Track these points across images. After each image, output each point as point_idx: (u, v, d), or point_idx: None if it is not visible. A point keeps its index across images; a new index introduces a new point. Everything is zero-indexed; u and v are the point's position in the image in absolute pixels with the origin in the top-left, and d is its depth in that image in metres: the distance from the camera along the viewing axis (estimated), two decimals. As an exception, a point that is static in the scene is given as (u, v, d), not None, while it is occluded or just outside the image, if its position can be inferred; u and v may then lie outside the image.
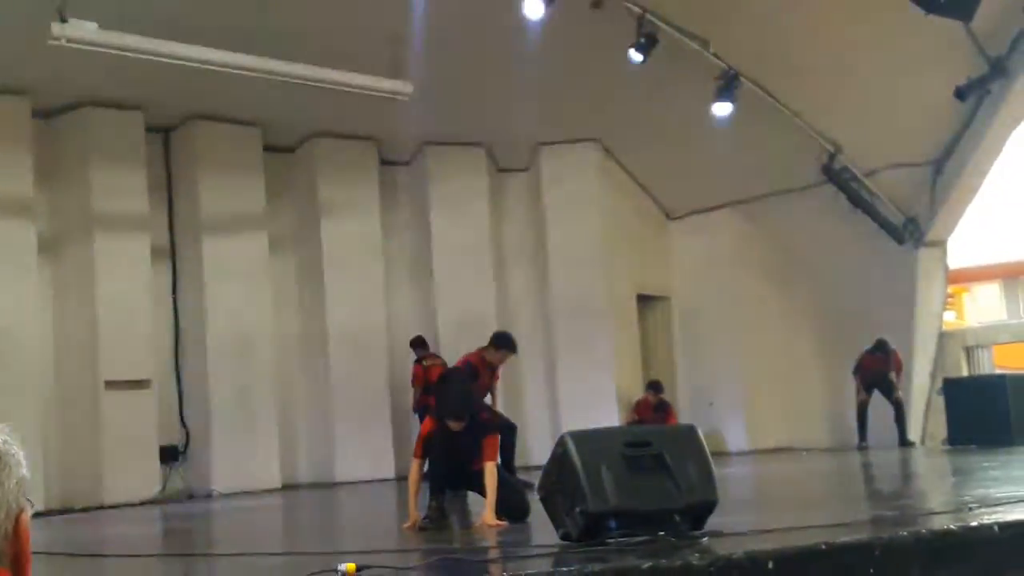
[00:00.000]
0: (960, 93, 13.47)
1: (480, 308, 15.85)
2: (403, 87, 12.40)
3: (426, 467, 7.52)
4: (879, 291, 15.38)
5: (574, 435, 5.37)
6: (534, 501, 6.36)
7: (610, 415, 15.49)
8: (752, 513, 7.79)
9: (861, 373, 15.05)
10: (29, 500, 1.53)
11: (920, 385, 15.23)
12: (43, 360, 12.71)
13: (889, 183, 15.10)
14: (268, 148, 14.99)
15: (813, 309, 16.52)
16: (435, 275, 15.90)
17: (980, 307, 21.25)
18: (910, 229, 15.07)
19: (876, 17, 12.81)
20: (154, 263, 13.70)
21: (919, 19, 11.68)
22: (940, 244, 15.37)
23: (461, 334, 15.31)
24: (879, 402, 14.90)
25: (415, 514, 7.32)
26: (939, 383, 14.76)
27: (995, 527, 5.07)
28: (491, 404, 10.08)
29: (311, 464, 15.01)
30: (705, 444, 5.52)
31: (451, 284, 15.84)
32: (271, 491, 13.77)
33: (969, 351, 16.38)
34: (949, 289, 16.62)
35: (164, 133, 14.43)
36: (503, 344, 9.86)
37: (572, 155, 16.47)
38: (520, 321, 16.50)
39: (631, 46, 12.94)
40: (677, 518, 5.15)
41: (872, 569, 4.66)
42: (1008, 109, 13.84)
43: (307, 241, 15.35)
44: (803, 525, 5.37)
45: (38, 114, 12.99)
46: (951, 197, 14.76)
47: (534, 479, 6.87)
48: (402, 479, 11.84)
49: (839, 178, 15.08)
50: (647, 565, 4.36)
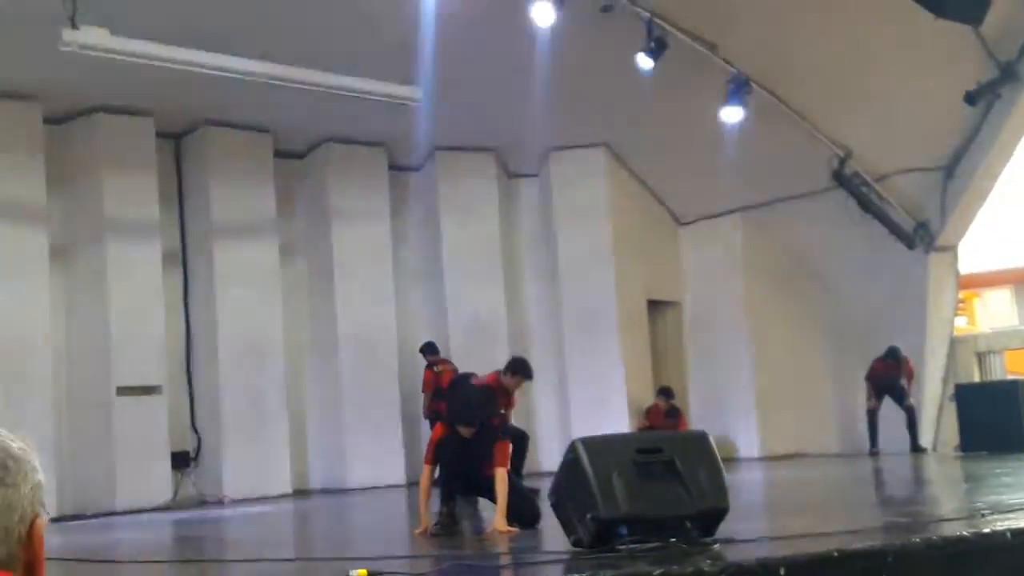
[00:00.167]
0: (970, 98, 13.44)
1: (490, 313, 15.87)
2: (413, 93, 12.42)
3: (437, 473, 7.53)
4: (890, 296, 15.34)
5: (585, 441, 5.37)
6: (545, 507, 6.36)
7: (621, 421, 15.47)
8: (764, 520, 7.79)
9: (872, 380, 15.00)
10: (44, 506, 1.54)
11: (932, 391, 15.18)
12: (55, 366, 12.74)
13: (900, 188, 15.06)
14: (279, 154, 15.04)
15: (824, 314, 16.48)
16: (445, 280, 15.91)
17: (992, 312, 21.16)
18: (921, 234, 15.03)
19: (886, 22, 12.79)
20: (165, 269, 13.74)
21: (928, 24, 11.66)
22: (951, 249, 15.32)
23: (471, 339, 15.35)
24: (891, 408, 14.85)
25: (426, 520, 7.33)
26: (951, 389, 14.73)
27: (1008, 534, 5.06)
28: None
29: (322, 470, 15.02)
30: (716, 450, 5.52)
31: (461, 289, 15.84)
32: (282, 497, 13.78)
33: (981, 357, 16.35)
34: (960, 294, 16.55)
35: (175, 139, 14.48)
36: (519, 370, 9.79)
37: (582, 160, 16.46)
38: (530, 326, 16.53)
39: (641, 51, 12.94)
40: (688, 524, 5.14)
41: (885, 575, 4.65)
42: (1019, 113, 13.79)
43: (318, 247, 15.37)
44: (815, 532, 5.37)
45: (50, 120, 13.04)
46: (962, 202, 14.72)
47: (544, 486, 6.87)
48: (413, 485, 11.85)
49: (849, 183, 15.04)
50: (658, 572, 4.35)
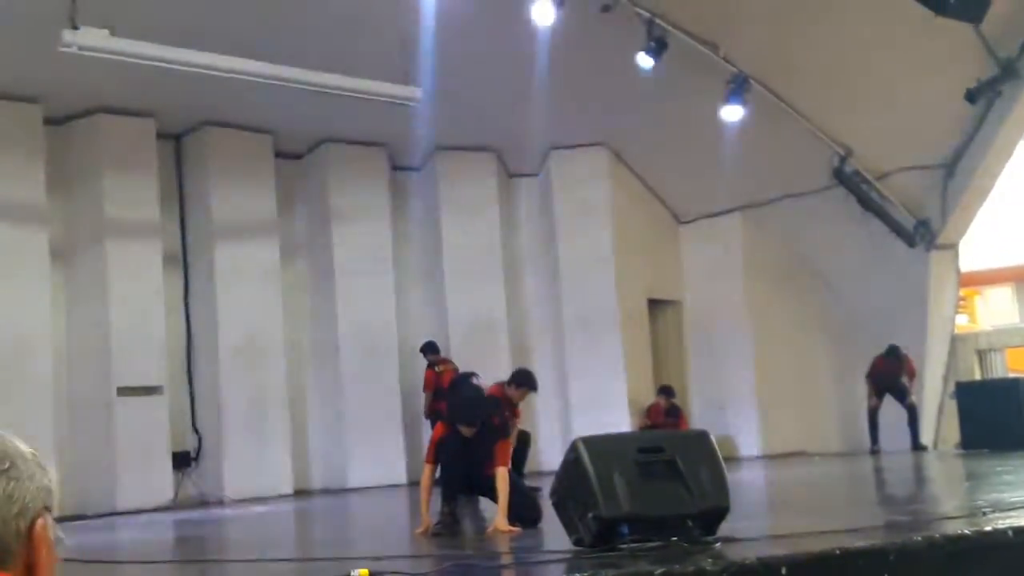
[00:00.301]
0: (971, 96, 13.43)
1: (491, 313, 15.87)
2: (413, 93, 12.42)
3: (438, 472, 7.53)
4: (890, 294, 15.33)
5: (586, 441, 5.36)
6: (546, 507, 6.36)
7: (621, 420, 15.47)
8: (765, 518, 7.79)
9: (873, 378, 15.00)
10: (50, 512, 1.54)
11: (932, 389, 15.18)
12: (56, 366, 12.74)
13: (900, 186, 15.06)
14: (279, 154, 15.03)
15: (824, 312, 16.48)
16: (446, 280, 15.91)
17: (992, 310, 21.16)
18: (921, 232, 15.03)
19: (886, 20, 12.79)
20: (166, 270, 13.74)
21: (929, 22, 11.66)
22: (952, 247, 15.31)
23: (472, 339, 15.35)
24: (892, 406, 14.85)
25: (427, 520, 7.32)
26: (952, 387, 14.72)
27: (1009, 532, 5.06)
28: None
29: (323, 470, 15.02)
30: (717, 449, 5.52)
31: (462, 289, 15.84)
32: (283, 497, 13.78)
33: (982, 354, 16.36)
34: (961, 292, 16.55)
35: (175, 140, 14.48)
36: (523, 382, 9.79)
37: (582, 160, 16.47)
38: (531, 326, 16.54)
39: (641, 50, 12.94)
40: (690, 523, 5.14)
41: (886, 574, 4.64)
42: (1019, 111, 13.79)
43: (318, 247, 15.37)
44: (816, 530, 5.36)
45: (50, 121, 13.04)
46: (963, 200, 14.72)
47: (545, 485, 6.87)
48: (414, 484, 11.85)
49: (850, 181, 15.05)
50: (660, 571, 4.35)
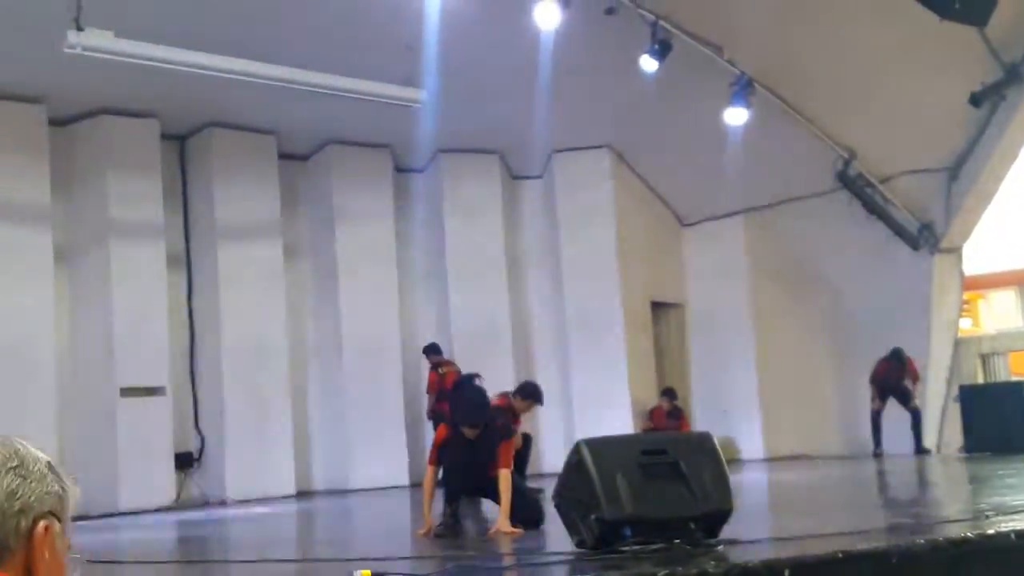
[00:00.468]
0: (975, 99, 13.43)
1: (494, 315, 15.87)
2: (417, 95, 12.42)
3: (441, 474, 7.53)
4: (894, 298, 15.32)
5: (589, 443, 5.37)
6: (549, 508, 6.36)
7: (624, 422, 15.46)
8: (767, 521, 7.79)
9: (876, 381, 14.99)
10: (57, 517, 1.54)
11: (936, 392, 15.15)
12: (59, 367, 12.75)
13: (904, 189, 15.05)
14: (283, 156, 15.04)
15: (828, 316, 16.46)
16: (449, 281, 15.91)
17: (996, 314, 21.11)
18: (925, 235, 15.02)
19: (890, 23, 12.77)
20: (169, 270, 13.75)
21: (933, 25, 11.64)
22: (956, 251, 15.30)
23: (475, 341, 15.35)
24: (895, 409, 14.83)
25: (430, 521, 7.32)
26: (955, 390, 14.71)
27: (1012, 535, 5.06)
28: None
29: (325, 471, 15.02)
30: (720, 451, 5.52)
31: (465, 290, 15.84)
32: (286, 498, 13.78)
33: (985, 358, 16.33)
34: (965, 296, 16.53)
35: (180, 141, 14.49)
36: (530, 395, 9.87)
37: (586, 162, 16.46)
38: (533, 328, 16.53)
39: (645, 53, 12.94)
40: (692, 526, 5.14)
41: (889, 577, 4.65)
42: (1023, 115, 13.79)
43: (322, 248, 15.38)
44: (819, 533, 5.36)
45: (54, 122, 13.05)
46: (967, 203, 14.70)
47: (548, 487, 6.87)
48: (416, 486, 11.86)
49: (854, 184, 15.04)
50: (663, 573, 4.35)
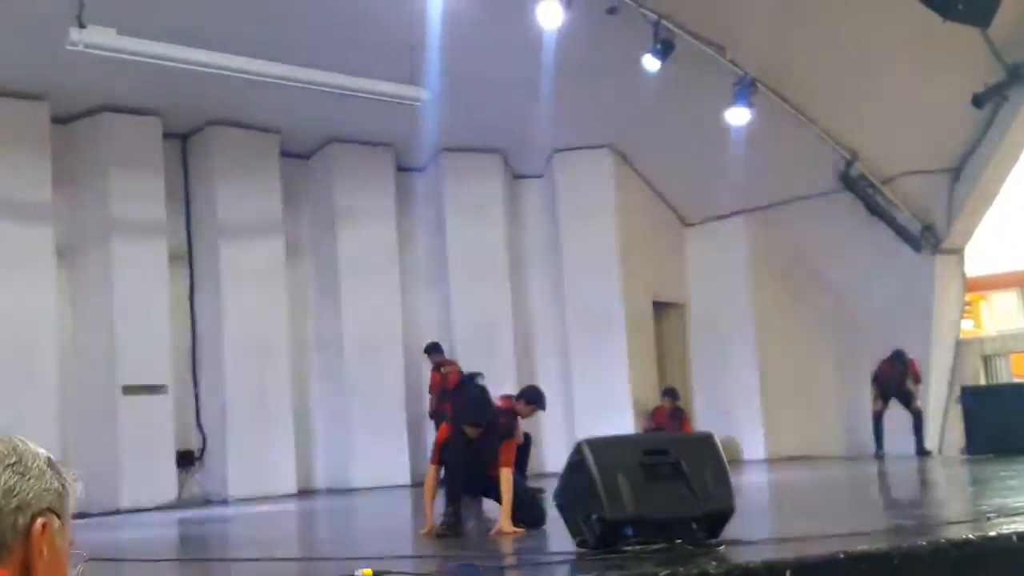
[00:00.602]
0: (977, 100, 13.41)
1: (495, 314, 15.88)
2: (419, 94, 12.43)
3: (442, 473, 7.53)
4: (896, 299, 15.31)
5: (591, 443, 5.37)
6: (550, 508, 6.36)
7: (625, 422, 15.45)
8: (769, 521, 7.79)
9: (878, 382, 14.98)
10: (56, 515, 1.53)
11: (937, 394, 15.14)
12: (61, 365, 12.76)
13: (906, 190, 15.03)
14: (285, 154, 15.04)
15: (829, 316, 16.45)
16: (451, 281, 15.91)
17: (998, 315, 21.08)
18: (927, 236, 15.01)
19: (893, 24, 12.77)
20: (171, 268, 13.76)
21: (936, 26, 11.63)
22: (957, 252, 15.28)
23: (476, 340, 15.35)
24: (897, 411, 14.83)
25: (431, 520, 7.33)
26: (957, 392, 14.69)
27: (1014, 537, 5.06)
28: None
29: (327, 469, 15.03)
30: (722, 452, 5.52)
31: (467, 290, 15.84)
32: (287, 496, 13.79)
33: (987, 359, 16.30)
34: (966, 297, 16.52)
35: (182, 139, 14.50)
36: (534, 400, 9.90)
37: (588, 161, 16.46)
38: (535, 327, 16.53)
39: (647, 52, 12.93)
40: (694, 526, 5.14)
41: (890, 578, 4.64)
42: (1026, 116, 13.78)
43: (323, 247, 15.38)
44: (821, 534, 5.36)
45: (57, 119, 13.06)
46: (968, 204, 14.69)
47: (549, 487, 6.87)
48: (418, 485, 11.85)
49: (856, 185, 15.03)
50: (664, 573, 4.35)
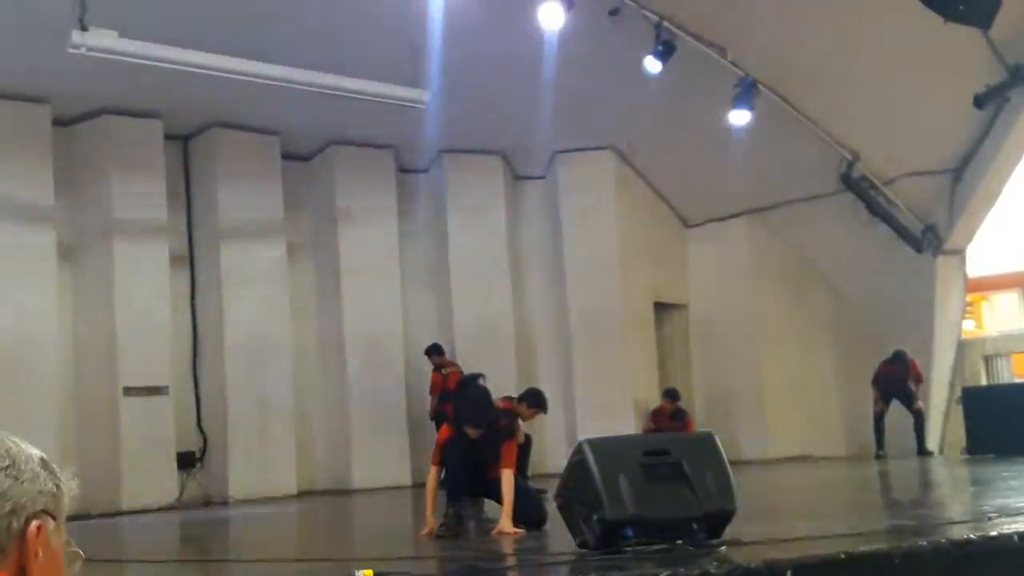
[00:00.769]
0: (979, 101, 13.42)
1: (497, 315, 15.87)
2: (420, 95, 12.43)
3: (443, 474, 7.53)
4: (897, 299, 15.31)
5: (592, 443, 5.36)
6: (551, 509, 6.36)
7: (626, 423, 15.44)
8: (770, 522, 7.77)
9: (879, 383, 14.97)
10: (50, 516, 1.54)
11: (939, 394, 15.16)
12: (62, 366, 12.78)
13: (908, 191, 15.04)
14: (286, 156, 15.04)
15: (831, 317, 16.46)
16: (452, 282, 15.91)
17: (999, 316, 21.11)
18: (929, 237, 15.01)
19: (894, 24, 12.77)
20: (172, 270, 13.76)
21: (937, 27, 11.64)
22: (959, 252, 15.29)
23: (477, 341, 15.35)
24: (898, 411, 14.82)
25: (432, 521, 7.32)
26: (958, 392, 14.70)
27: (1015, 537, 5.05)
28: None
29: (328, 471, 15.02)
30: (723, 452, 5.51)
31: (468, 291, 15.84)
32: (288, 498, 13.79)
33: (988, 360, 16.32)
34: (968, 298, 16.53)
35: (183, 141, 14.51)
36: (536, 403, 9.91)
37: (589, 163, 16.46)
38: (536, 328, 16.53)
39: (649, 54, 12.94)
40: (695, 526, 5.14)
41: (891, 578, 4.64)
42: (1027, 117, 13.78)
43: (325, 249, 15.38)
44: (822, 534, 5.36)
45: (58, 122, 13.07)
46: (970, 205, 14.70)
47: (550, 487, 6.87)
48: (419, 486, 11.85)
49: (857, 186, 15.03)
50: (665, 573, 4.35)
